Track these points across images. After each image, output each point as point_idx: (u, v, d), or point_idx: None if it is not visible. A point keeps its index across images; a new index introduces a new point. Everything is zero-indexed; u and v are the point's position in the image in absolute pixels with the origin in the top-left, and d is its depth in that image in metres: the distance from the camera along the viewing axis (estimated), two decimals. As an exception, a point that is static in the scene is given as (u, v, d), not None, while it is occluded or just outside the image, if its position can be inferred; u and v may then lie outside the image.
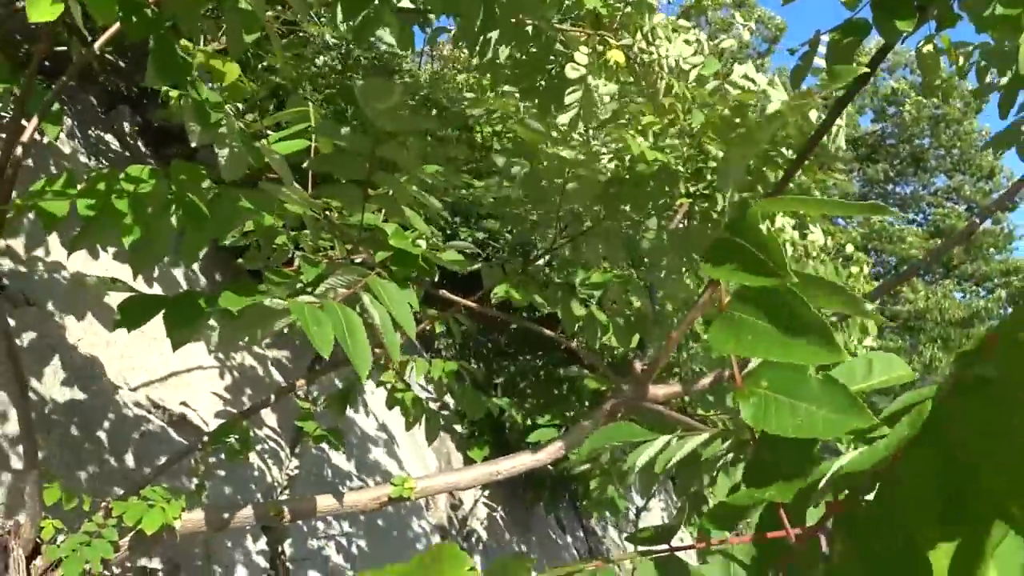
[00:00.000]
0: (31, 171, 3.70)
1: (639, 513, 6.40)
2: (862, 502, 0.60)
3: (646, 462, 1.24)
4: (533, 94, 2.71)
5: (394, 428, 5.13)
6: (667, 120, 2.42)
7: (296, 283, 1.92)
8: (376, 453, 4.81)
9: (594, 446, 1.21)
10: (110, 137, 4.81)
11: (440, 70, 6.49)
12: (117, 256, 3.69)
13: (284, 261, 2.48)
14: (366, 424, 4.91)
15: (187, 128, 1.85)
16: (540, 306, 2.56)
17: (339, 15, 1.87)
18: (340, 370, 4.08)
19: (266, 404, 2.58)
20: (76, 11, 1.51)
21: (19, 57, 3.65)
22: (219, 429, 2.36)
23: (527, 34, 2.47)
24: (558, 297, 2.36)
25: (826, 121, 2.10)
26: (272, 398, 2.54)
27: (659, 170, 2.28)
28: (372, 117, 1.66)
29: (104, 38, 1.93)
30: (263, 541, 3.50)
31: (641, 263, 2.93)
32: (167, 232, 1.76)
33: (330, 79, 5.00)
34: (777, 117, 1.96)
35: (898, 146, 21.76)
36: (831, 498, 0.68)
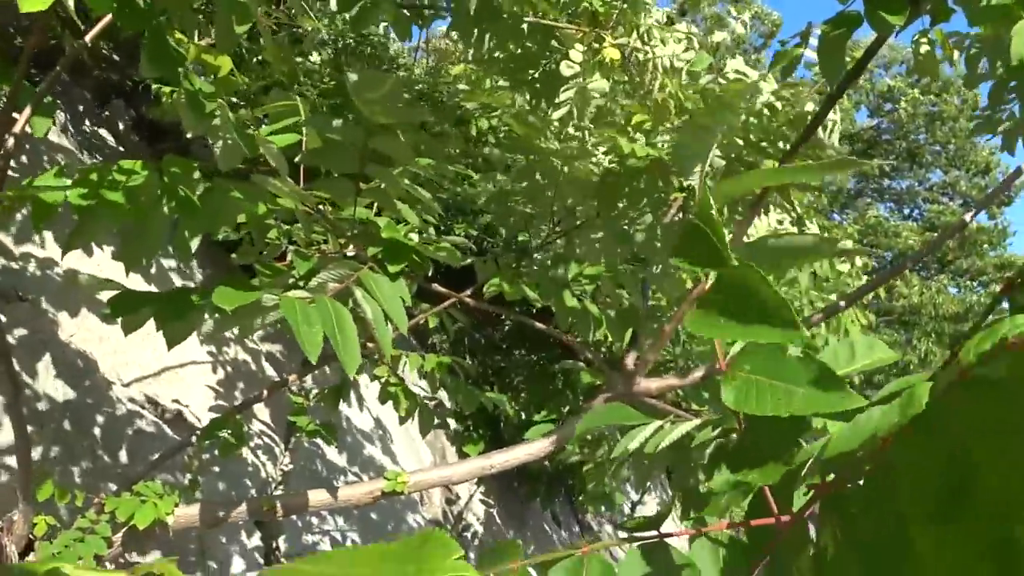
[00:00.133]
0: (25, 167, 3.68)
1: (634, 508, 6.41)
2: (851, 485, 0.60)
3: (638, 447, 1.24)
4: (526, 87, 2.71)
5: (389, 424, 5.13)
6: (658, 117, 2.42)
7: (288, 277, 1.91)
8: (371, 449, 4.80)
9: (588, 427, 1.21)
10: (105, 132, 4.80)
11: (435, 65, 6.47)
12: (112, 254, 3.68)
13: (277, 256, 2.47)
14: (361, 420, 4.91)
15: (182, 119, 1.84)
16: (535, 301, 2.55)
17: (332, 3, 1.86)
18: (333, 364, 4.08)
19: (259, 399, 2.58)
20: (69, 1, 1.51)
21: (12, 50, 3.64)
22: (212, 424, 2.35)
23: (522, 31, 2.47)
24: (551, 291, 2.36)
25: (820, 113, 2.09)
26: (265, 393, 2.54)
27: (651, 164, 2.28)
28: (364, 109, 1.65)
29: (96, 30, 1.92)
30: (257, 536, 3.50)
31: (637, 259, 2.93)
32: (160, 226, 1.75)
33: (323, 73, 4.99)
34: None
35: (894, 142, 21.78)
36: (818, 480, 0.68)
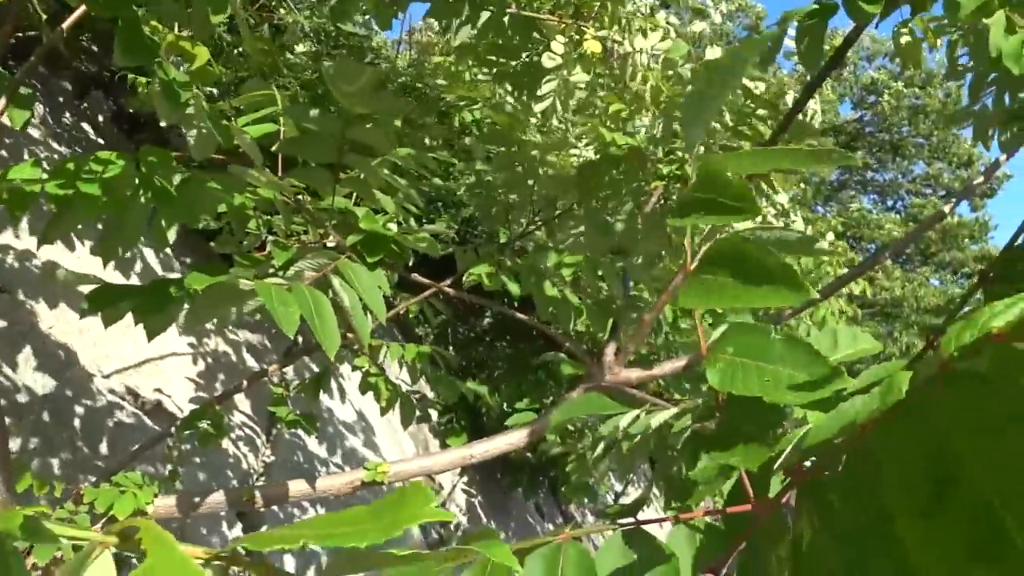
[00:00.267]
0: (4, 160, 3.65)
1: (618, 498, 6.44)
2: (829, 472, 0.60)
3: (615, 436, 1.24)
4: (507, 79, 2.71)
5: (371, 416, 5.13)
6: (636, 107, 2.43)
7: (267, 267, 1.91)
8: (353, 440, 4.80)
9: (564, 417, 1.21)
10: (84, 124, 4.76)
11: (418, 58, 6.46)
12: (91, 248, 3.65)
13: (257, 246, 2.47)
14: (344, 412, 4.90)
15: (157, 109, 1.83)
16: (516, 294, 2.56)
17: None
18: (315, 355, 4.06)
19: (239, 389, 2.57)
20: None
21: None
22: (191, 415, 2.34)
23: (503, 23, 2.46)
24: (531, 281, 2.36)
25: (800, 99, 2.11)
26: (245, 383, 2.53)
27: (629, 152, 2.29)
28: (341, 98, 1.65)
29: (71, 20, 1.91)
30: (239, 528, 3.49)
31: (618, 250, 2.94)
32: (138, 216, 1.75)
33: (305, 65, 4.96)
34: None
35: (877, 135, 21.89)
36: (793, 465, 0.69)
